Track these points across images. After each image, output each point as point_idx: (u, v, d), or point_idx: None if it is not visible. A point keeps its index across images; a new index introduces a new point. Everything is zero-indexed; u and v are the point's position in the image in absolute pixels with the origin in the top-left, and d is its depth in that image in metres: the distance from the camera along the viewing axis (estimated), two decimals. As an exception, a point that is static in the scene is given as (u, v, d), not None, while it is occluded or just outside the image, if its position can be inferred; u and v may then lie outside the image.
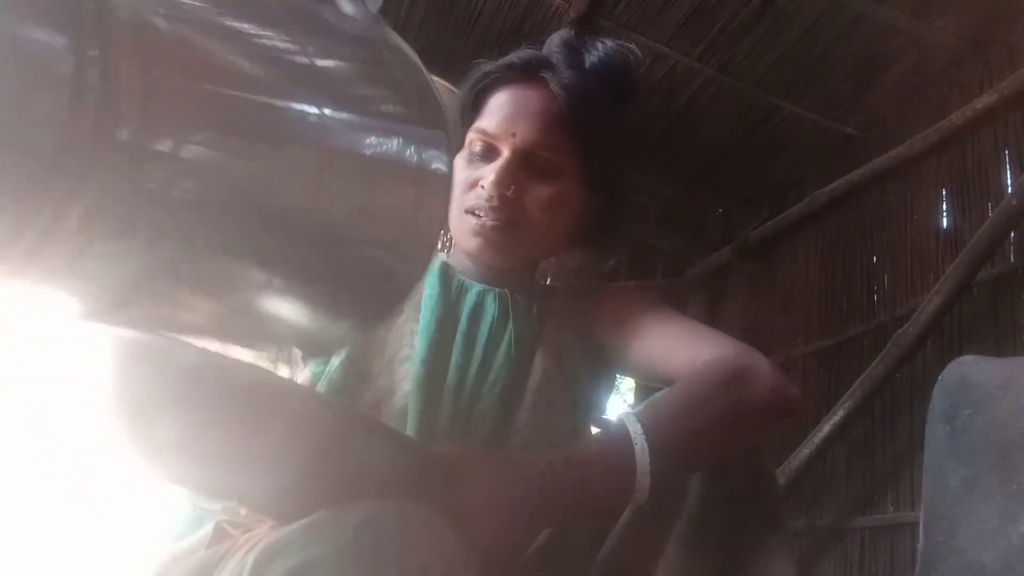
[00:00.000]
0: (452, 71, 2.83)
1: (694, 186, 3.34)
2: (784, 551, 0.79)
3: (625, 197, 1.04)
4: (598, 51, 0.99)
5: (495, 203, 0.91)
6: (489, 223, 0.92)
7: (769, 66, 2.72)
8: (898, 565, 2.14)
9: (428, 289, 0.95)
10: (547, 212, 0.95)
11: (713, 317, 3.38)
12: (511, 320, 0.95)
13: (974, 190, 2.34)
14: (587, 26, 2.63)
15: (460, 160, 0.97)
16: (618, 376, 1.07)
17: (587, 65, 0.98)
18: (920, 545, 0.66)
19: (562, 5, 2.63)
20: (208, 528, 0.76)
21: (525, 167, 0.93)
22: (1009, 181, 2.23)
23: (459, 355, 0.91)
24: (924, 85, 2.62)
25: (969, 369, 0.68)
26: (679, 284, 3.47)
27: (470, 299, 0.96)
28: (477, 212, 0.92)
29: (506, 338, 0.94)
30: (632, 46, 1.02)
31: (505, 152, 0.93)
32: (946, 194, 2.47)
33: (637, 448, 0.71)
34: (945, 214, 2.48)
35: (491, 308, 0.96)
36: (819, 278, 2.92)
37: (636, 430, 0.72)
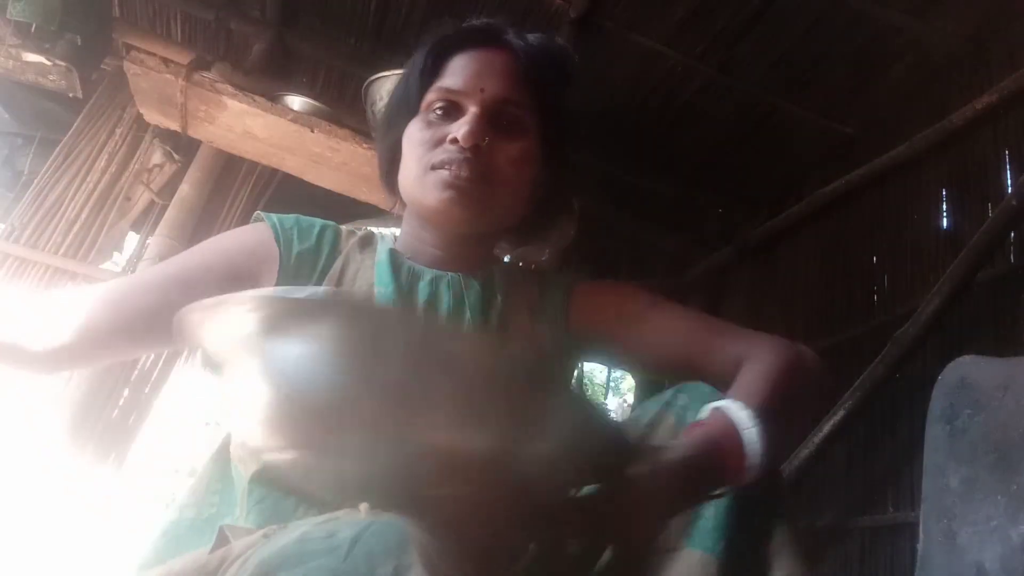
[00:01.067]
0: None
1: (694, 186, 3.34)
2: (789, 542, 0.78)
3: (569, 177, 1.07)
4: (536, 34, 1.04)
5: (469, 155, 0.91)
6: (464, 174, 0.92)
7: (769, 66, 2.72)
8: (898, 565, 2.14)
9: (378, 280, 0.95)
10: (514, 168, 0.96)
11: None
12: (467, 306, 0.96)
13: (974, 190, 2.34)
14: (587, 26, 2.63)
15: (417, 123, 0.97)
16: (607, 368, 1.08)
17: (533, 39, 1.02)
18: (920, 545, 0.66)
19: (562, 5, 2.63)
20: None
21: (493, 122, 0.94)
22: (1009, 181, 2.22)
23: None
24: (924, 85, 2.62)
25: (969, 369, 0.68)
26: (679, 284, 3.46)
27: (423, 288, 0.96)
28: (447, 165, 0.92)
29: (463, 326, 0.93)
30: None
31: (473, 107, 0.94)
32: (946, 194, 2.47)
33: (746, 435, 0.70)
34: (945, 214, 2.47)
35: (446, 295, 0.96)
36: (819, 278, 2.92)
37: (743, 419, 0.71)
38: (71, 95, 2.79)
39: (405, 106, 1.00)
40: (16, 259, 2.72)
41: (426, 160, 0.94)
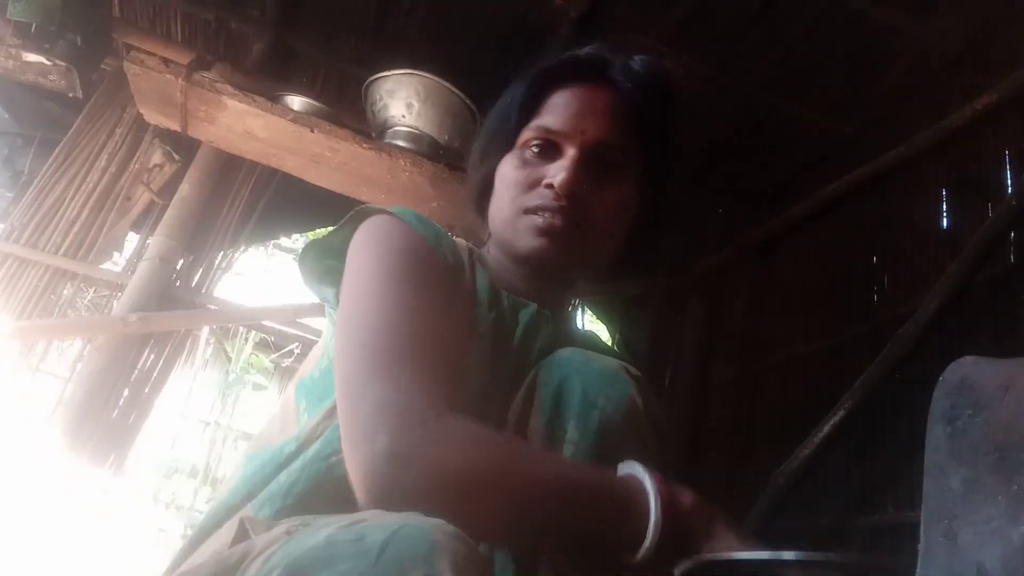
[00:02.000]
0: (452, 71, 2.85)
1: (694, 186, 3.34)
2: None
3: (668, 214, 1.01)
4: (643, 60, 0.97)
5: (563, 202, 0.87)
6: (558, 222, 0.87)
7: (769, 66, 2.72)
8: (898, 565, 2.14)
9: (481, 304, 0.90)
10: (612, 216, 0.92)
11: (713, 317, 3.38)
12: (558, 343, 0.93)
13: (974, 190, 2.34)
14: (587, 26, 2.63)
15: (512, 160, 0.93)
16: None
17: (639, 70, 0.96)
18: (920, 545, 0.66)
19: (562, 5, 2.63)
20: (230, 526, 0.76)
21: (592, 167, 0.90)
22: (1009, 181, 2.23)
23: (511, 375, 0.87)
24: (924, 85, 2.62)
25: (970, 370, 0.68)
26: (679, 284, 3.47)
27: (524, 318, 0.92)
28: (541, 212, 0.88)
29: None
30: (668, 64, 1.01)
31: (572, 151, 0.89)
32: (946, 194, 2.47)
33: (651, 497, 0.69)
34: (945, 214, 2.48)
35: (543, 330, 0.93)
36: (819, 278, 2.92)
37: (648, 481, 0.71)
38: (71, 95, 2.79)
39: (501, 139, 0.96)
40: (16, 259, 2.73)
41: (519, 202, 0.90)
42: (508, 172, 0.93)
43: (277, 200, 3.07)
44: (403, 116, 2.50)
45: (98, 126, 2.96)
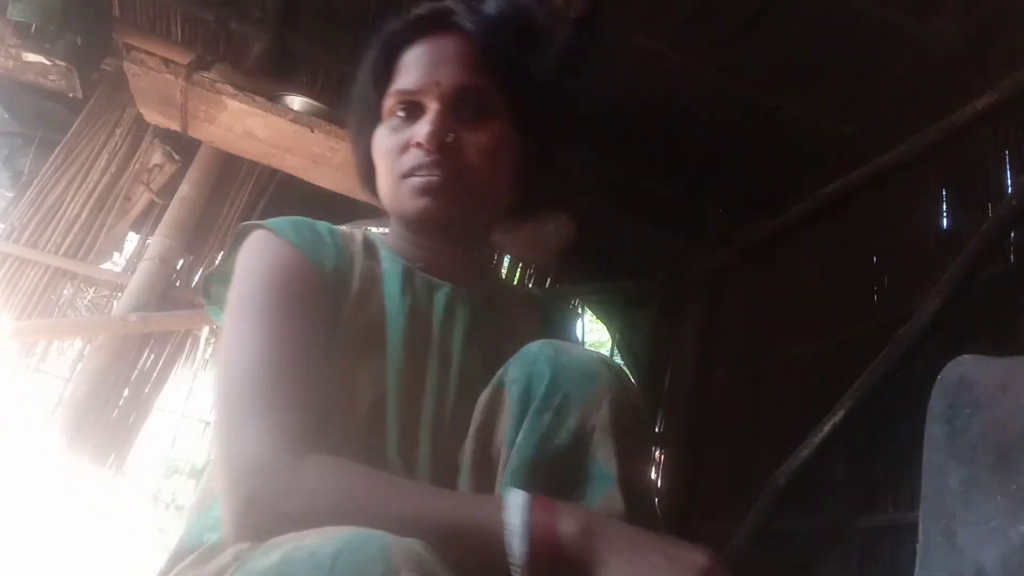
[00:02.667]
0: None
1: (694, 187, 3.34)
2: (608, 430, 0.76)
3: (559, 150, 1.00)
4: (491, 2, 0.95)
5: (435, 155, 0.86)
6: (435, 177, 0.86)
7: (769, 67, 2.72)
8: (898, 565, 2.14)
9: (390, 293, 0.89)
10: (488, 157, 0.89)
11: (713, 318, 3.38)
12: (480, 322, 0.92)
13: (974, 190, 2.34)
14: (587, 26, 2.62)
15: (383, 131, 0.92)
16: None
17: (485, 9, 0.94)
18: (919, 545, 0.66)
19: (562, 5, 2.63)
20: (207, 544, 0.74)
21: (456, 114, 0.88)
22: (1009, 181, 2.23)
23: (436, 362, 0.87)
24: (924, 85, 2.62)
25: (968, 369, 0.67)
26: (679, 285, 3.47)
27: (439, 301, 0.91)
28: (417, 172, 0.87)
29: (476, 341, 0.91)
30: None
31: (433, 104, 0.88)
32: (946, 194, 2.47)
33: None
34: (945, 214, 2.48)
35: (461, 311, 0.91)
36: (819, 278, 2.92)
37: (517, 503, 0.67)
38: (71, 95, 2.79)
39: (367, 115, 0.95)
40: (16, 259, 2.73)
41: (396, 168, 0.89)
42: (381, 143, 0.92)
43: (277, 200, 3.07)
44: (403, 116, 2.50)
45: (98, 126, 2.97)
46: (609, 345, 3.61)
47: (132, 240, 3.03)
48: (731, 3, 2.51)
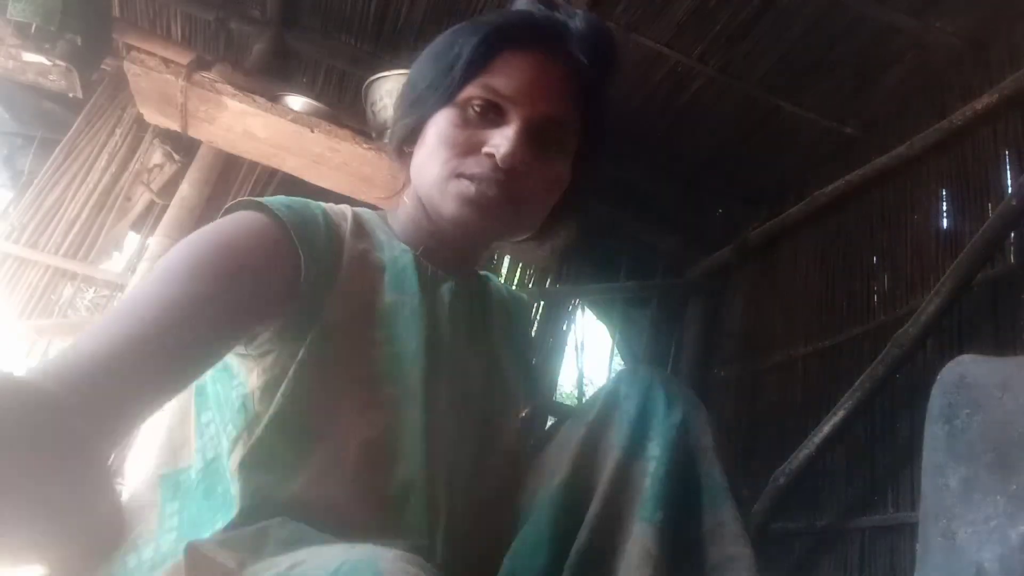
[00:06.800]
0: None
1: (694, 186, 3.34)
2: (731, 520, 0.80)
3: (592, 182, 0.97)
4: (596, 29, 0.91)
5: (502, 176, 0.82)
6: (491, 194, 0.82)
7: (770, 66, 2.72)
8: (898, 566, 2.14)
9: (397, 284, 0.85)
10: (547, 193, 0.88)
11: (713, 318, 3.38)
12: (484, 320, 0.95)
13: (974, 190, 2.34)
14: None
15: (451, 116, 0.86)
16: None
17: (594, 42, 0.90)
18: (918, 545, 0.66)
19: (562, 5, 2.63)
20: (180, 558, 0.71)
21: (535, 141, 0.84)
22: (1009, 181, 2.22)
23: (448, 361, 0.86)
24: (924, 85, 2.62)
25: (968, 368, 0.67)
26: (679, 285, 3.47)
27: (446, 293, 0.89)
28: (476, 180, 0.82)
29: (479, 341, 0.93)
30: (614, 34, 0.95)
31: (517, 121, 0.83)
32: (946, 194, 2.47)
33: None
34: (945, 214, 2.47)
35: (464, 307, 0.91)
36: (819, 278, 2.92)
37: None
38: (71, 95, 2.79)
39: (441, 91, 0.87)
40: (16, 259, 2.72)
41: (453, 165, 0.84)
42: (445, 128, 0.85)
43: (277, 200, 3.07)
44: (403, 116, 2.50)
45: (98, 126, 2.97)
46: (609, 345, 3.61)
47: (132, 240, 3.03)
48: (732, 3, 2.51)
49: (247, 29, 2.98)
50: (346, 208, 0.92)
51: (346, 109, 2.78)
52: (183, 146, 2.90)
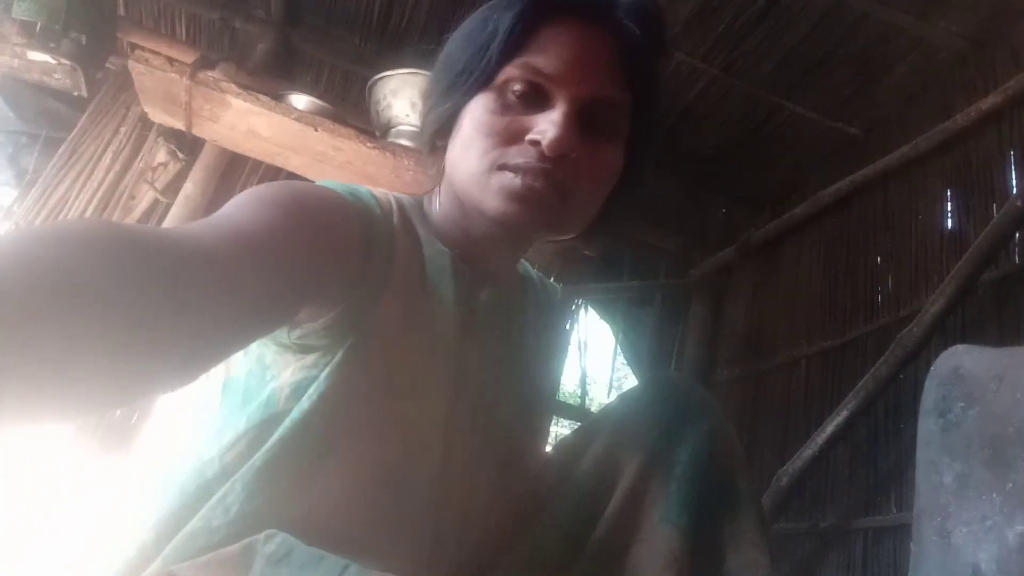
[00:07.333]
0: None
1: (697, 186, 3.34)
2: (752, 528, 0.80)
3: (644, 176, 0.87)
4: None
5: (549, 165, 0.73)
6: (538, 186, 0.73)
7: (773, 66, 2.71)
8: (901, 566, 2.13)
9: (439, 284, 0.79)
10: (600, 184, 0.79)
11: (716, 318, 3.37)
12: (515, 326, 0.92)
13: (978, 191, 2.33)
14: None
15: (489, 101, 0.76)
16: None
17: (643, 9, 0.80)
18: (913, 544, 0.65)
19: (565, 5, 2.63)
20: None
21: (585, 124, 0.75)
22: (1014, 182, 2.21)
23: (479, 358, 0.83)
24: (928, 85, 2.61)
25: (962, 359, 0.66)
26: (682, 284, 3.46)
27: (485, 299, 0.84)
28: (521, 172, 0.73)
29: (524, 341, 0.92)
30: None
31: (564, 104, 0.73)
32: (950, 195, 2.46)
33: None
34: (949, 215, 2.46)
35: (501, 314, 0.87)
36: (822, 279, 2.91)
37: None
38: (76, 94, 2.80)
39: (477, 74, 0.77)
40: (20, 257, 2.73)
41: (494, 156, 0.74)
42: (483, 115, 0.76)
43: (280, 199, 3.07)
44: (407, 115, 2.49)
45: (102, 125, 2.97)
46: (613, 344, 3.61)
47: (136, 239, 3.04)
48: (735, 3, 2.51)
49: (251, 28, 2.99)
50: (391, 196, 0.83)
51: (350, 108, 2.79)
52: (187, 145, 2.90)
